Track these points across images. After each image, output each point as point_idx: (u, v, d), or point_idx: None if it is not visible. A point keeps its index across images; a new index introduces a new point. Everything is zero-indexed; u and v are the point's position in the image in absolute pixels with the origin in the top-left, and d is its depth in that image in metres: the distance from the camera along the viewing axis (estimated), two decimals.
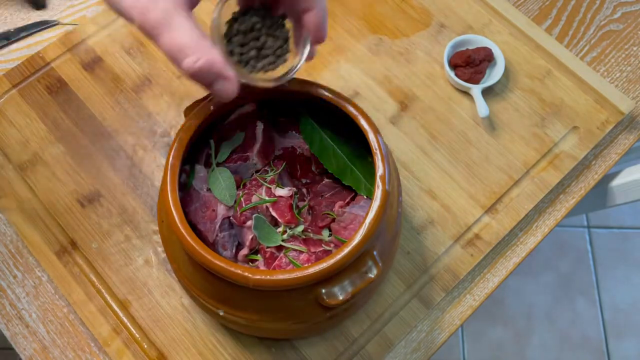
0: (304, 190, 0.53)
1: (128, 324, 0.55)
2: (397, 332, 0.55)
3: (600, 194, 0.87)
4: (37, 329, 0.55)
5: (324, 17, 0.38)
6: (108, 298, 0.56)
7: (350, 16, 0.70)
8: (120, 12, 0.35)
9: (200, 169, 0.50)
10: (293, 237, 0.48)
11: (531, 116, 0.65)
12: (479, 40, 0.67)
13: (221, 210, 0.49)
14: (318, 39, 0.39)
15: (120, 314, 0.55)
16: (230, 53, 0.41)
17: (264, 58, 0.41)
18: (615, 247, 1.44)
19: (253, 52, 0.41)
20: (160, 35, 0.34)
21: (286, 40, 0.42)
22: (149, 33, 0.35)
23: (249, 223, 0.47)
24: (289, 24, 0.43)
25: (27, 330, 0.55)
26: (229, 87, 0.37)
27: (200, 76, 0.36)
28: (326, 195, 0.51)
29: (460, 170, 0.62)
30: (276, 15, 0.42)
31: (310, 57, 0.42)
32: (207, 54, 0.35)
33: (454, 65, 0.66)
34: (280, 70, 0.43)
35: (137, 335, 0.55)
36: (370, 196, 0.49)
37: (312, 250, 0.47)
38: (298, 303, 0.44)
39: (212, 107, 0.47)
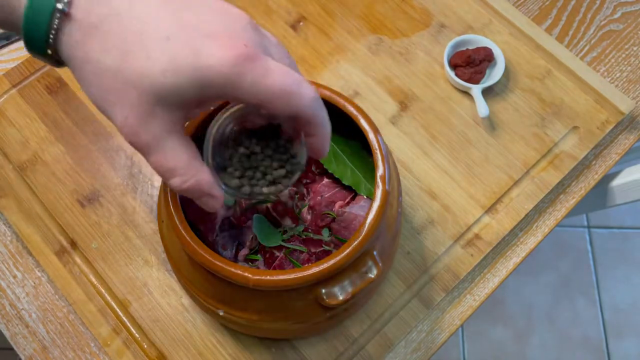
0: (304, 190, 0.53)
1: (128, 324, 0.55)
2: (397, 332, 0.55)
3: (600, 194, 0.87)
4: (37, 329, 0.55)
5: (327, 141, 0.38)
6: (108, 298, 0.56)
7: (350, 16, 0.70)
8: (112, 121, 0.35)
9: None
10: (293, 237, 0.48)
11: (531, 116, 0.65)
12: (479, 40, 0.67)
13: (221, 210, 0.49)
14: (317, 157, 0.39)
15: (120, 314, 0.55)
16: (224, 169, 0.40)
17: (259, 180, 0.40)
18: (615, 247, 1.44)
19: (249, 173, 0.39)
20: (149, 155, 0.35)
21: (286, 161, 0.40)
22: (139, 151, 0.35)
23: (249, 223, 0.47)
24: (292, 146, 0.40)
25: (27, 330, 0.55)
26: (215, 204, 0.38)
27: (187, 194, 0.37)
28: (326, 195, 0.51)
29: (460, 170, 0.62)
30: (281, 138, 0.39)
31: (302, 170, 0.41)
32: (195, 176, 0.36)
33: (454, 65, 0.66)
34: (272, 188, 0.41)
35: (137, 335, 0.55)
36: (370, 196, 0.49)
37: (312, 250, 0.47)
38: (298, 303, 0.44)
39: (212, 107, 0.47)
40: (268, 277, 0.40)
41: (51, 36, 0.32)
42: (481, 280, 0.59)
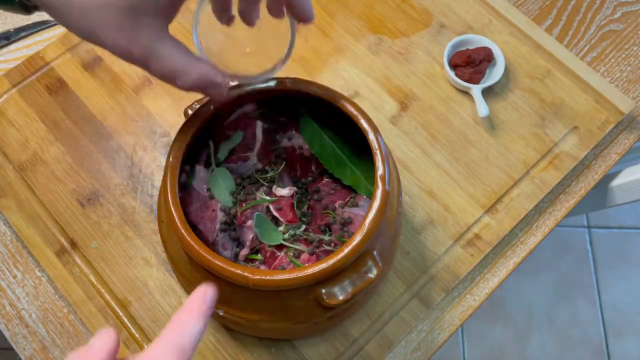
0: (304, 189, 0.53)
1: (128, 324, 0.55)
2: (397, 332, 0.55)
3: (600, 194, 0.87)
4: (37, 329, 0.55)
5: (309, 1, 0.38)
6: (108, 298, 0.56)
7: (350, 16, 0.70)
8: (103, 48, 0.37)
9: (200, 169, 0.50)
10: (294, 237, 0.48)
11: (531, 116, 0.65)
12: (479, 40, 0.67)
13: (220, 211, 0.49)
14: (304, 19, 0.39)
15: (120, 314, 0.55)
16: None
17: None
18: (615, 247, 1.44)
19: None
20: (149, 66, 0.37)
21: None
22: (138, 65, 0.37)
23: (249, 223, 0.47)
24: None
25: (27, 330, 0.55)
26: (220, 91, 0.40)
27: (194, 89, 0.39)
28: (326, 195, 0.51)
29: (460, 170, 0.62)
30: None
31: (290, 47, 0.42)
32: (196, 70, 0.37)
33: (454, 65, 0.66)
34: (268, 65, 0.43)
35: (137, 335, 0.55)
36: (370, 196, 0.49)
37: (313, 250, 0.47)
38: (298, 303, 0.44)
39: (212, 107, 0.47)
40: (268, 277, 0.40)
41: None
42: (481, 280, 0.59)
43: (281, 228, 0.48)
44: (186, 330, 0.31)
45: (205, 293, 0.33)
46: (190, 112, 0.47)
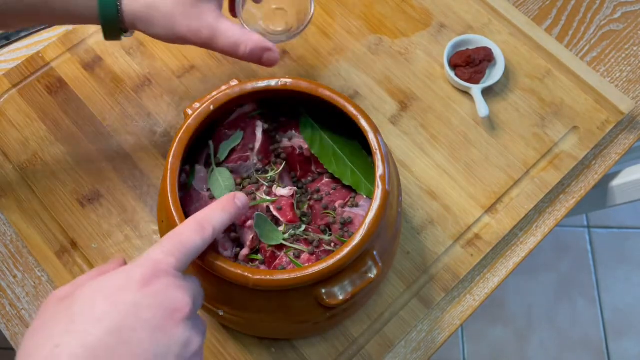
0: (304, 190, 0.53)
1: None
2: (397, 332, 0.55)
3: (600, 194, 0.87)
4: None
5: None
6: None
7: (350, 16, 0.70)
8: (169, 39, 0.49)
9: (200, 169, 0.50)
10: (294, 237, 0.48)
11: (531, 116, 0.65)
12: (479, 40, 0.67)
13: None
14: None
15: None
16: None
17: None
18: (615, 247, 1.44)
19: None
20: (216, 42, 0.49)
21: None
22: (205, 45, 0.49)
23: (249, 223, 0.47)
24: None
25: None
26: (274, 56, 0.51)
27: (253, 56, 0.50)
28: (326, 195, 0.51)
29: (460, 170, 0.62)
30: None
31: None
32: (251, 39, 0.49)
33: (454, 65, 0.66)
34: (296, 23, 0.55)
35: None
36: (370, 196, 0.49)
37: (313, 250, 0.47)
38: (298, 303, 0.44)
39: (212, 107, 0.47)
40: (268, 277, 0.40)
41: (118, 5, 0.47)
42: (481, 280, 0.59)
43: (281, 228, 0.48)
44: (208, 213, 0.39)
45: (234, 196, 0.41)
46: (190, 112, 0.47)
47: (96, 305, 0.33)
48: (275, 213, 0.48)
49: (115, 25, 0.49)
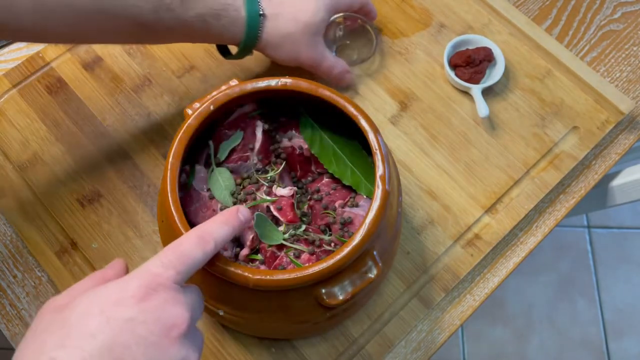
0: (304, 190, 0.53)
1: None
2: (397, 332, 0.55)
3: (600, 194, 0.87)
4: None
5: (373, 6, 0.66)
6: None
7: None
8: (290, 61, 0.60)
9: (200, 169, 0.50)
10: (294, 237, 0.48)
11: (531, 116, 0.65)
12: (479, 40, 0.67)
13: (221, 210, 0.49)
14: (374, 17, 0.67)
15: None
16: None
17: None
18: (615, 247, 1.44)
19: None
20: (321, 65, 0.61)
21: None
22: (312, 67, 0.61)
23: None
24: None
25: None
26: (351, 77, 0.65)
27: (340, 76, 0.63)
28: (326, 195, 0.51)
29: (460, 170, 0.62)
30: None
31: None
32: (339, 64, 0.62)
33: (454, 65, 0.66)
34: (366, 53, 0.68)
35: None
36: (370, 196, 0.49)
37: (313, 250, 0.47)
38: (298, 303, 0.44)
39: (212, 107, 0.47)
40: (268, 277, 0.40)
41: (259, 32, 0.56)
42: (481, 280, 0.59)
43: (281, 228, 0.48)
44: (210, 226, 0.38)
45: (237, 209, 0.41)
46: (190, 112, 0.47)
47: (91, 320, 0.32)
48: (275, 213, 0.48)
49: (249, 50, 0.58)
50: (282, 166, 0.52)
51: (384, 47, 0.68)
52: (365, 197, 0.50)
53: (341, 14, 0.66)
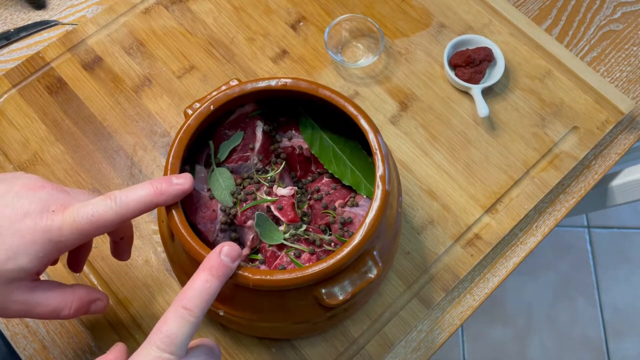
0: (304, 189, 0.53)
1: (128, 324, 0.55)
2: (397, 332, 0.55)
3: (600, 194, 0.87)
4: (37, 329, 0.55)
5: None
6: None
7: None
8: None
9: (200, 169, 0.50)
10: (294, 236, 0.48)
11: (531, 116, 0.65)
12: (479, 40, 0.67)
13: (221, 212, 0.49)
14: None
15: (120, 314, 0.55)
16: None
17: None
18: (615, 247, 1.44)
19: None
20: (33, 313, 0.42)
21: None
22: (22, 317, 0.42)
23: (249, 223, 0.47)
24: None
25: (27, 330, 0.55)
26: (102, 305, 0.46)
27: (80, 313, 0.44)
28: (326, 195, 0.51)
29: (460, 170, 0.62)
30: None
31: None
32: (74, 296, 0.43)
33: (454, 65, 0.66)
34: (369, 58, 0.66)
35: (137, 336, 0.55)
36: (370, 196, 0.49)
37: (313, 249, 0.47)
38: (298, 303, 0.44)
39: (212, 107, 0.47)
40: (268, 277, 0.40)
41: None
42: (481, 280, 0.59)
43: (282, 228, 0.48)
44: (192, 289, 0.37)
45: (219, 251, 0.39)
46: (190, 112, 0.47)
47: None
48: (276, 213, 0.48)
49: None
50: (282, 166, 0.52)
51: (384, 47, 0.68)
52: (365, 197, 0.50)
53: (346, 15, 0.66)
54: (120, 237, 0.48)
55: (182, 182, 0.42)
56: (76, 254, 0.49)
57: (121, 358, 0.40)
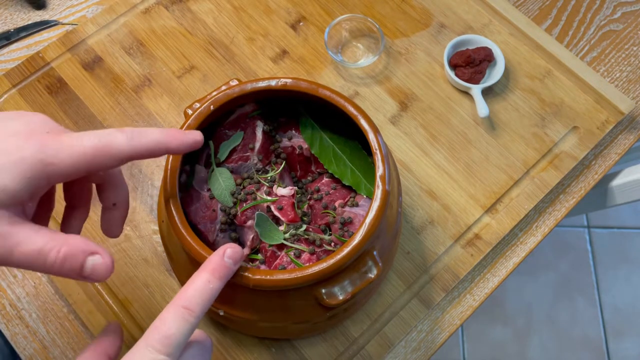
0: (304, 189, 0.53)
1: (128, 324, 0.55)
2: (397, 332, 0.55)
3: (600, 194, 0.87)
4: (37, 329, 0.55)
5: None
6: (108, 298, 0.56)
7: None
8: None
9: (200, 169, 0.50)
10: (294, 236, 0.48)
11: (531, 116, 0.65)
12: (479, 40, 0.67)
13: (220, 212, 0.49)
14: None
15: (120, 314, 0.55)
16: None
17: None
18: (615, 247, 1.44)
19: None
20: (12, 256, 0.34)
21: None
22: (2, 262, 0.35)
23: (249, 223, 0.47)
24: None
25: (27, 330, 0.55)
26: (104, 263, 0.36)
27: (67, 264, 0.34)
28: (326, 195, 0.51)
29: (460, 170, 0.62)
30: None
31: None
32: (67, 241, 0.34)
33: (454, 65, 0.66)
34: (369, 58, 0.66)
35: (137, 336, 0.55)
36: (370, 196, 0.49)
37: (314, 249, 0.47)
38: (298, 303, 0.44)
39: (212, 107, 0.47)
40: (268, 277, 0.40)
41: None
42: (481, 280, 0.59)
43: (282, 228, 0.48)
44: (192, 288, 0.35)
45: (223, 252, 0.37)
46: (190, 112, 0.47)
47: None
48: (276, 213, 0.48)
49: None
50: (282, 166, 0.52)
51: (384, 47, 0.68)
52: (365, 197, 0.50)
53: (346, 15, 0.66)
54: (113, 202, 0.42)
55: (195, 134, 0.40)
56: (70, 214, 0.42)
57: (115, 346, 0.38)
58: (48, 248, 0.33)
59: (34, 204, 0.36)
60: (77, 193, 0.42)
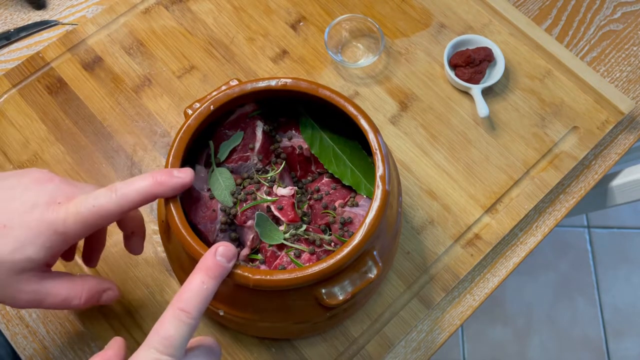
0: (304, 189, 0.53)
1: (128, 324, 0.55)
2: (397, 332, 0.55)
3: (600, 194, 0.87)
4: (37, 329, 0.55)
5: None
6: None
7: None
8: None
9: (200, 169, 0.50)
10: (294, 236, 0.48)
11: (531, 116, 0.65)
12: (479, 40, 0.67)
13: (221, 212, 0.49)
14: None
15: (120, 314, 0.55)
16: None
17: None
18: (615, 247, 1.44)
19: None
20: (44, 303, 0.43)
21: None
22: (34, 307, 0.45)
23: (249, 223, 0.47)
24: None
25: (27, 330, 0.55)
26: (112, 295, 0.48)
27: (91, 303, 0.45)
28: (326, 195, 0.51)
29: (460, 170, 0.62)
30: None
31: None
32: (84, 286, 0.45)
33: (454, 65, 0.66)
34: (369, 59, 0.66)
35: (137, 336, 0.55)
36: (370, 196, 0.49)
37: (314, 249, 0.47)
38: (298, 303, 0.44)
39: (212, 107, 0.47)
40: (268, 277, 0.40)
41: None
42: (481, 280, 0.59)
43: (282, 227, 0.48)
44: (188, 291, 0.37)
45: (215, 251, 0.39)
46: (190, 112, 0.47)
47: None
48: (276, 213, 0.48)
49: None
50: (282, 166, 0.52)
51: (384, 47, 0.68)
52: (365, 197, 0.50)
53: (346, 15, 0.66)
54: (131, 231, 0.49)
55: (183, 175, 0.42)
56: (90, 247, 0.50)
57: (120, 354, 0.40)
58: (71, 297, 0.43)
59: (57, 258, 0.43)
60: (94, 235, 0.50)
